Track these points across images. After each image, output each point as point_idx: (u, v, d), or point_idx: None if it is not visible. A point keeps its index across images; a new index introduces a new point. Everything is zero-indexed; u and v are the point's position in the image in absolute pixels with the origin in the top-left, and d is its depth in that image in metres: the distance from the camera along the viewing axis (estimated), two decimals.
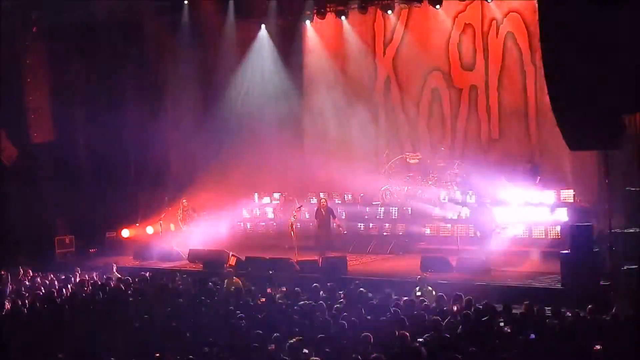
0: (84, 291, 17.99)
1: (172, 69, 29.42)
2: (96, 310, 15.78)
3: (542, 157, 25.02)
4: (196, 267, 22.97)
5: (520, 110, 26.21)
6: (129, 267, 23.34)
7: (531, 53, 25.52)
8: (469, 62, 27.06)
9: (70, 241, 26.87)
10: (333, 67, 29.70)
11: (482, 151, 26.84)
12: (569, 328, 12.65)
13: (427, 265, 20.18)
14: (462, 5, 26.67)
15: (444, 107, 27.56)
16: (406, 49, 28.25)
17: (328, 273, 19.78)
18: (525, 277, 19.24)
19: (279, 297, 16.32)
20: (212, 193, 27.62)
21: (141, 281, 18.87)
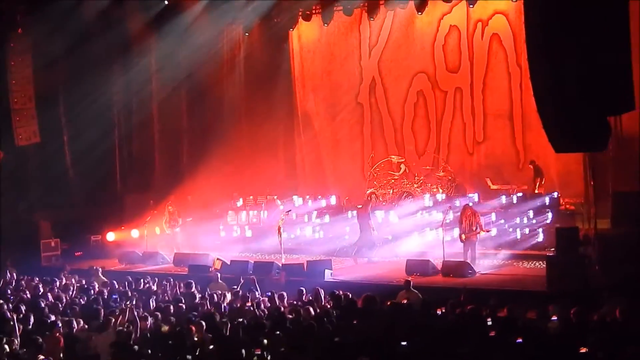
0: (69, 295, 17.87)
1: (156, 71, 29.39)
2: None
3: (527, 159, 24.97)
4: (181, 270, 22.86)
5: (505, 112, 26.26)
6: (114, 271, 23.21)
7: (516, 55, 25.56)
8: (454, 64, 27.09)
9: (55, 244, 26.71)
10: (319, 70, 29.71)
11: (467, 153, 26.85)
12: (555, 331, 12.62)
13: (412, 269, 20.14)
14: (447, 7, 26.70)
15: (429, 109, 27.58)
16: (391, 52, 28.27)
17: (313, 276, 19.72)
18: (510, 280, 19.20)
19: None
20: (197, 196, 27.60)
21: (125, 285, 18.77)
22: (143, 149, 30.31)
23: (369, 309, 14.57)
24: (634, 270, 16.88)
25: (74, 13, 26.83)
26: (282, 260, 22.26)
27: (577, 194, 22.86)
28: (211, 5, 28.08)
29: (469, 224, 20.71)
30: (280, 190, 28.00)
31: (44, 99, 27.98)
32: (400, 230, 23.79)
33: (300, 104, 30.17)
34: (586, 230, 19.13)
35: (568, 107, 14.34)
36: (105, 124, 28.87)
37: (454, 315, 13.69)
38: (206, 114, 30.20)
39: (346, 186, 27.86)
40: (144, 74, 29.34)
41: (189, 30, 28.57)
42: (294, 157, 30.21)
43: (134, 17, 28.13)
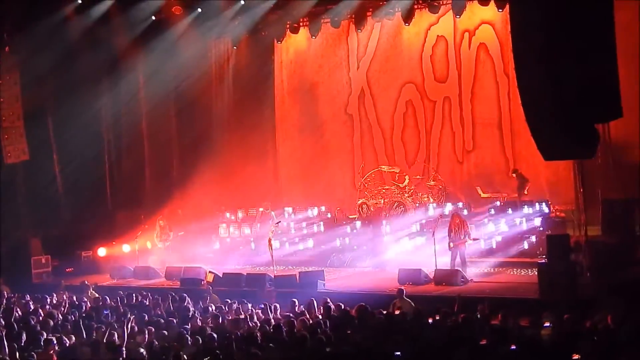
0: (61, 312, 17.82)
1: (145, 86, 29.47)
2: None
3: (517, 167, 25.05)
4: (173, 284, 22.84)
5: (494, 121, 26.35)
6: (105, 286, 23.17)
7: (504, 64, 25.68)
8: (442, 74, 27.19)
9: (46, 261, 26.64)
10: (308, 81, 29.76)
11: (457, 162, 26.94)
12: (548, 338, 12.65)
13: (405, 278, 20.17)
14: (434, 17, 26.81)
15: (418, 119, 27.65)
16: (379, 62, 28.35)
17: (306, 288, 19.73)
18: (503, 288, 19.25)
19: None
20: (188, 210, 27.60)
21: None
22: (133, 164, 30.34)
23: (362, 319, 14.58)
24: (624, 277, 16.97)
25: (60, 31, 26.98)
26: (274, 272, 22.27)
27: (568, 201, 22.97)
28: (198, 20, 28.21)
29: (457, 232, 20.77)
30: (269, 202, 28.00)
31: (32, 117, 27.99)
32: (390, 239, 23.85)
33: (287, 116, 30.23)
34: (577, 238, 19.20)
35: (555, 115, 14.37)
36: (94, 140, 28.96)
37: (447, 324, 13.71)
38: (195, 127, 30.25)
39: (337, 197, 27.88)
40: (132, 89, 29.43)
41: (177, 45, 28.68)
42: (282, 168, 30.25)
43: (121, 33, 28.18)
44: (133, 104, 29.62)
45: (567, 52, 13.99)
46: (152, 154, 30.33)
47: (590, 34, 13.87)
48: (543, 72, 14.33)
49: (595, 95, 14.15)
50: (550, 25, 14.06)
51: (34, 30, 26.66)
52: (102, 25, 27.57)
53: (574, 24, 13.82)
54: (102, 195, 29.88)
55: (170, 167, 30.45)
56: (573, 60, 14.00)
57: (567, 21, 13.84)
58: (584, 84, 14.00)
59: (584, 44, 13.89)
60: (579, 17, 13.82)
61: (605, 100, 14.41)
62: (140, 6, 27.28)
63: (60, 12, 27.08)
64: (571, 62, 14.02)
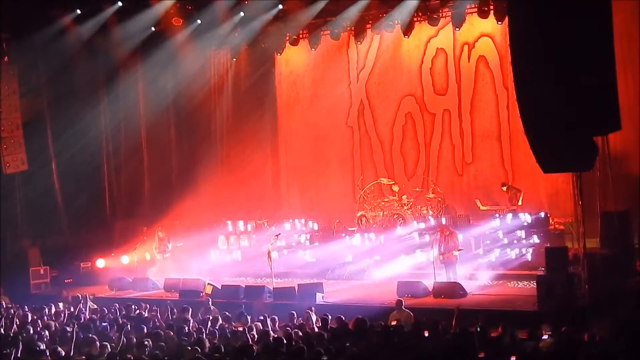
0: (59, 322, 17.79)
1: (144, 97, 29.53)
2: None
3: (516, 179, 25.10)
4: (172, 296, 22.80)
5: (493, 133, 26.41)
6: (104, 297, 23.13)
7: (503, 77, 25.74)
8: (442, 87, 27.25)
9: (44, 272, 26.59)
10: (308, 94, 29.81)
11: (457, 174, 26.95)
12: (546, 350, 12.64)
13: (404, 290, 20.14)
14: (434, 30, 26.88)
15: (418, 131, 27.68)
16: (379, 75, 28.41)
17: (305, 300, 19.71)
18: (502, 300, 19.23)
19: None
20: (187, 221, 27.58)
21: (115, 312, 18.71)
22: (132, 175, 30.36)
23: (360, 332, 14.56)
24: (622, 289, 16.97)
25: (59, 41, 27.02)
26: (273, 284, 22.24)
27: (566, 214, 22.97)
28: (198, 31, 28.26)
29: (447, 245, 20.80)
30: (268, 214, 28.02)
31: (31, 127, 28.01)
32: (388, 251, 23.85)
33: (287, 128, 30.25)
34: (575, 250, 19.19)
35: (555, 128, 14.42)
36: (93, 151, 29.02)
37: (446, 336, 13.70)
38: (194, 138, 30.31)
39: (336, 209, 27.84)
40: (131, 100, 29.50)
41: (176, 56, 28.80)
42: (282, 180, 30.27)
43: (120, 44, 28.23)
44: (132, 114, 29.66)
45: (566, 67, 14.04)
46: (151, 165, 30.35)
47: (589, 48, 13.92)
48: (542, 86, 14.38)
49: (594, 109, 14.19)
50: (549, 39, 14.11)
51: (32, 40, 26.75)
52: (101, 35, 27.64)
53: (573, 39, 13.87)
54: (101, 206, 29.89)
55: (169, 178, 30.46)
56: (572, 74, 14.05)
57: (566, 36, 13.89)
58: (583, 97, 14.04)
59: (582, 58, 13.93)
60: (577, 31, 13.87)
61: (604, 114, 14.46)
62: (139, 17, 27.31)
63: (59, 22, 27.12)
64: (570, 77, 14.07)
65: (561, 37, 13.82)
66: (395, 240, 24.22)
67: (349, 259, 24.18)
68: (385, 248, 24.14)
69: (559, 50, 13.90)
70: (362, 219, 26.20)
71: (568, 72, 13.99)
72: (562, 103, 14.18)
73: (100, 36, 27.68)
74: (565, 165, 16.08)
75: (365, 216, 26.20)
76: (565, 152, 14.78)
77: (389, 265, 23.21)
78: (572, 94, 14.02)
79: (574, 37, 13.75)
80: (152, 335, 14.98)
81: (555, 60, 13.99)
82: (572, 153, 14.89)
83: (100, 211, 29.85)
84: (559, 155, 15.01)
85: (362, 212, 26.31)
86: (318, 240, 26.02)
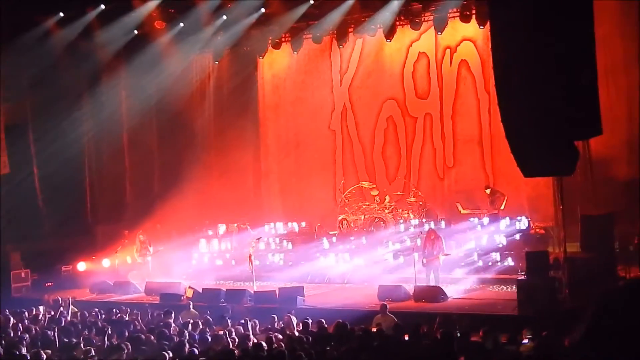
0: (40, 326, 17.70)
1: (126, 100, 29.47)
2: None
3: (497, 184, 25.17)
4: (153, 299, 22.74)
5: (474, 137, 26.48)
6: (85, 301, 23.04)
7: (484, 81, 25.81)
8: (424, 91, 27.30)
9: (25, 275, 26.48)
10: (290, 97, 29.80)
11: (438, 178, 27.01)
12: (527, 354, 12.67)
13: (384, 294, 20.16)
14: (416, 34, 26.93)
15: (400, 135, 27.73)
16: (361, 79, 28.45)
17: (285, 303, 19.69)
18: (483, 304, 19.27)
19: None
20: (169, 224, 27.51)
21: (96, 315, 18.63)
22: (114, 178, 30.28)
23: (341, 336, 14.56)
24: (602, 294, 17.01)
25: (42, 44, 26.94)
26: (254, 287, 22.21)
27: (547, 218, 23.08)
28: (180, 35, 28.26)
29: (431, 248, 20.83)
30: (250, 217, 28.00)
31: (13, 130, 27.90)
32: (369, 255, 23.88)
33: (269, 131, 30.25)
34: (556, 254, 19.26)
35: (535, 132, 14.46)
36: (75, 154, 28.88)
37: (427, 340, 13.71)
38: (177, 142, 30.23)
39: (318, 212, 27.84)
40: (114, 103, 29.43)
41: (159, 60, 28.72)
42: (263, 183, 30.26)
43: (103, 47, 28.17)
44: (114, 118, 29.58)
45: (547, 71, 14.08)
46: (133, 169, 30.30)
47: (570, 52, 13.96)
48: (523, 90, 14.42)
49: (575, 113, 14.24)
50: (531, 43, 14.16)
51: (15, 44, 26.60)
52: (84, 39, 27.58)
53: (554, 43, 13.91)
54: (82, 210, 29.80)
55: (152, 182, 30.40)
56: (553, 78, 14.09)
57: (547, 40, 13.93)
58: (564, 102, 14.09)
59: (564, 62, 13.98)
60: (559, 35, 13.92)
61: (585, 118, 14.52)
62: (122, 20, 27.28)
63: (42, 26, 27.07)
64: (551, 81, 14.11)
65: (542, 42, 13.86)
66: (376, 244, 24.24)
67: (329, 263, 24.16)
68: (366, 251, 24.16)
69: (540, 54, 13.94)
70: (343, 223, 26.23)
71: (549, 76, 14.04)
72: (543, 107, 14.22)
73: (84, 40, 27.64)
74: (546, 169, 16.12)
75: (346, 220, 26.26)
76: (546, 156, 14.81)
77: (369, 268, 23.22)
78: (553, 98, 14.07)
79: (555, 41, 13.80)
80: (132, 339, 14.93)
81: (537, 64, 14.03)
82: (553, 157, 14.92)
83: (82, 215, 29.75)
84: (539, 159, 15.05)
85: (344, 216, 26.35)
86: (299, 243, 25.99)
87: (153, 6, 27.06)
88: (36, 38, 26.93)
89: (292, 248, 25.91)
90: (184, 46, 28.71)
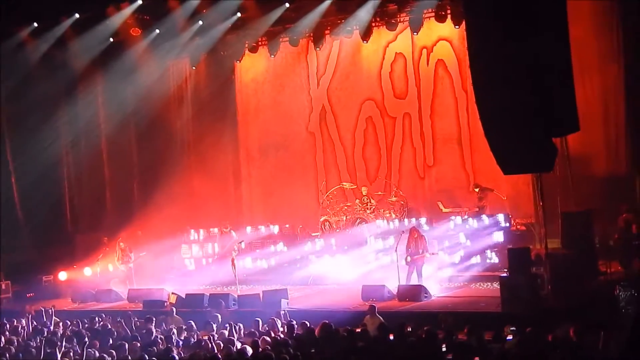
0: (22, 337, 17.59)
1: (104, 108, 29.39)
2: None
3: (477, 181, 25.22)
4: (136, 306, 22.66)
5: (453, 136, 26.57)
6: (67, 311, 22.94)
7: (462, 80, 25.90)
8: (402, 91, 27.37)
9: (6, 287, 26.32)
10: (268, 101, 29.80)
11: (419, 177, 27.07)
12: (511, 351, 12.71)
13: (368, 295, 20.18)
14: (392, 34, 26.99)
15: (379, 135, 27.78)
16: (339, 80, 28.49)
17: (270, 306, 19.65)
18: (466, 302, 19.33)
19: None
20: (150, 231, 27.42)
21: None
22: (93, 187, 30.19)
23: (326, 337, 14.55)
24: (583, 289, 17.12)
25: (16, 55, 26.83)
26: (238, 291, 22.19)
27: (528, 215, 23.25)
28: (156, 41, 28.20)
29: (416, 247, 20.86)
30: (232, 221, 27.96)
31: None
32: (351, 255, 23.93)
33: (249, 135, 30.24)
34: (538, 251, 19.34)
35: (514, 130, 14.53)
36: (53, 164, 28.83)
37: (411, 340, 13.72)
38: (156, 148, 30.15)
39: (300, 214, 27.83)
40: (91, 112, 29.36)
41: (135, 67, 28.70)
42: (244, 187, 30.24)
43: (78, 56, 28.08)
44: (92, 126, 29.51)
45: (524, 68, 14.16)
46: (113, 176, 30.21)
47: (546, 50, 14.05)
48: (500, 88, 14.48)
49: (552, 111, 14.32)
50: (507, 41, 14.23)
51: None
52: (59, 48, 27.50)
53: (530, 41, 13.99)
54: (62, 219, 29.70)
55: (131, 189, 30.31)
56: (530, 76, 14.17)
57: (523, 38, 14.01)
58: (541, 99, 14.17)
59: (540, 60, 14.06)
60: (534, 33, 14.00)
61: (562, 115, 14.60)
62: (97, 28, 27.18)
63: (16, 36, 26.98)
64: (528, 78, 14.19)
65: (518, 40, 13.93)
66: (358, 244, 24.28)
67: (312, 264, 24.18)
68: (349, 251, 24.19)
69: (516, 52, 14.02)
70: (325, 224, 26.25)
71: (526, 74, 14.11)
72: (520, 105, 14.29)
73: (59, 49, 27.57)
74: (525, 166, 16.21)
75: (328, 221, 26.29)
76: (524, 153, 14.89)
77: (352, 268, 23.24)
78: (530, 95, 14.15)
79: (531, 39, 13.88)
80: (116, 347, 14.87)
81: (513, 62, 14.10)
82: (532, 154, 15.00)
83: (61, 224, 29.67)
84: (518, 156, 15.13)
85: (326, 217, 26.38)
86: (281, 246, 25.97)
87: (128, 13, 26.98)
88: (10, 49, 26.81)
89: (275, 251, 25.87)
90: (160, 52, 28.66)
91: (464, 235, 23.09)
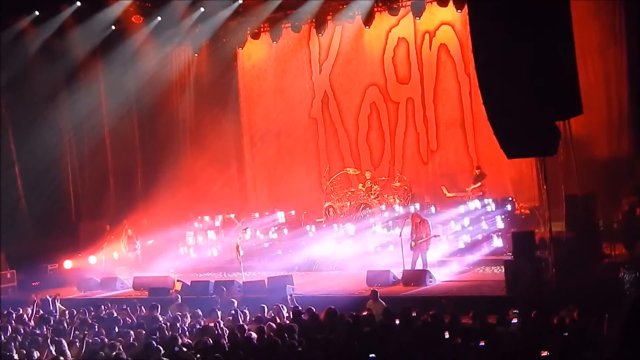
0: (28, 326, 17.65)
1: (106, 96, 29.35)
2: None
3: (481, 166, 25.21)
4: (141, 294, 22.69)
5: (457, 120, 26.55)
6: (73, 299, 22.99)
7: (464, 64, 25.86)
8: (405, 76, 27.33)
9: (11, 276, 26.34)
10: (270, 87, 29.78)
11: (422, 162, 27.07)
12: (516, 334, 12.75)
13: (373, 280, 20.19)
14: (394, 19, 26.94)
15: (382, 120, 27.77)
16: (342, 66, 28.46)
17: (275, 293, 19.68)
18: (471, 286, 19.34)
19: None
20: (154, 218, 27.46)
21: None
22: (96, 175, 30.15)
23: (331, 323, 14.59)
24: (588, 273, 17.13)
25: (18, 43, 26.78)
26: (243, 278, 22.23)
27: (532, 199, 23.24)
28: (158, 28, 28.16)
29: (418, 232, 20.85)
30: (236, 208, 27.99)
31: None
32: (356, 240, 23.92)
33: (251, 122, 30.23)
34: (542, 234, 19.33)
35: (517, 114, 14.53)
36: (56, 153, 28.80)
37: (416, 324, 13.76)
38: (158, 135, 30.19)
39: (304, 201, 27.85)
40: (93, 100, 29.25)
41: (137, 54, 28.70)
42: (248, 173, 30.26)
43: (80, 44, 28.01)
44: (95, 114, 29.42)
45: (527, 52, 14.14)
46: (116, 164, 30.18)
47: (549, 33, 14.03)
48: (503, 72, 14.48)
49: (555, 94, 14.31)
50: (509, 25, 14.21)
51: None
52: (60, 36, 27.45)
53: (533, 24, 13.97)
54: (66, 208, 29.68)
55: (135, 177, 30.31)
56: (532, 59, 14.16)
57: (526, 20, 13.99)
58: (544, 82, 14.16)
59: (542, 42, 14.05)
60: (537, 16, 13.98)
61: (565, 98, 14.60)
62: (99, 16, 27.15)
63: (17, 25, 26.92)
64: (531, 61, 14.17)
65: (521, 24, 13.92)
66: (363, 229, 24.29)
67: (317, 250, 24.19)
68: (353, 237, 24.20)
69: (519, 36, 14.00)
70: (329, 210, 26.26)
71: (529, 57, 14.10)
72: (523, 89, 14.29)
73: (60, 37, 27.50)
74: (529, 150, 16.23)
75: (332, 207, 26.28)
76: (528, 137, 14.91)
77: (357, 254, 23.25)
78: (533, 79, 14.14)
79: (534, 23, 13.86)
80: (122, 334, 14.93)
81: (516, 46, 14.09)
82: (535, 138, 15.02)
83: (66, 213, 29.63)
84: (522, 140, 15.14)
85: (330, 203, 26.37)
86: (286, 232, 26.00)
87: (129, 1, 26.94)
88: (12, 38, 26.78)
89: (279, 237, 25.91)
90: (162, 40, 28.64)
91: (468, 220, 23.06)
